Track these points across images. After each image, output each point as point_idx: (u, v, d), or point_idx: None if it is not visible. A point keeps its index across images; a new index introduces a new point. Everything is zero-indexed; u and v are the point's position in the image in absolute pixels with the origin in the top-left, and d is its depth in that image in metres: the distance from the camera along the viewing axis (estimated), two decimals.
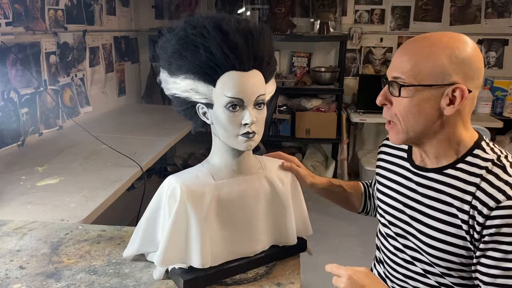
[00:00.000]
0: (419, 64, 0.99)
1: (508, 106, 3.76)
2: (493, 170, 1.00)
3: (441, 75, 0.98)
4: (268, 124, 3.74)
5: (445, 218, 1.04)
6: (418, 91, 1.00)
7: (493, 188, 0.97)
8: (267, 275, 1.11)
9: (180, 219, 1.03)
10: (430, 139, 1.06)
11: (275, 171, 1.18)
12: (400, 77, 1.01)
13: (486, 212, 0.96)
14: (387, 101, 1.06)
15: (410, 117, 1.02)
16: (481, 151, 1.04)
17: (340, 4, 4.05)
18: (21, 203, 1.64)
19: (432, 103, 1.00)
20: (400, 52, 1.05)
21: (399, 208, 1.15)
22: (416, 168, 1.12)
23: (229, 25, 1.00)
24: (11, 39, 2.31)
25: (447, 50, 0.98)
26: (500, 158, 1.02)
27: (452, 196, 1.03)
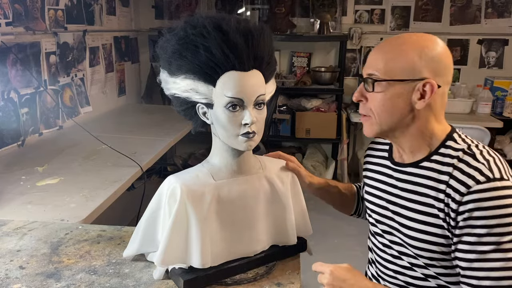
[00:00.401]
0: (391, 61, 1.06)
1: (508, 106, 3.75)
2: (464, 158, 1.04)
3: (412, 71, 1.04)
4: (268, 124, 3.74)
5: (423, 209, 1.08)
6: (391, 86, 1.06)
7: (464, 175, 1.01)
8: (267, 275, 1.11)
9: (180, 219, 1.03)
10: (403, 133, 1.11)
11: (275, 171, 1.18)
12: (374, 74, 1.07)
13: (459, 198, 1.00)
14: (362, 97, 1.11)
15: (384, 110, 1.08)
16: (453, 142, 1.08)
17: (340, 4, 4.05)
18: (21, 203, 1.64)
19: (404, 98, 1.06)
20: (374, 51, 1.11)
21: (383, 205, 1.19)
22: (395, 165, 1.17)
23: (229, 25, 1.00)
24: (11, 39, 2.31)
25: (417, 48, 1.05)
26: (470, 147, 1.06)
27: (428, 187, 1.07)
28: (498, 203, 0.97)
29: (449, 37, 4.05)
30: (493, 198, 0.97)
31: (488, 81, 3.94)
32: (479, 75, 4.04)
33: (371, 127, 1.12)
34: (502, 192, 0.98)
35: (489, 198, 0.97)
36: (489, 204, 0.97)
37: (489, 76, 3.97)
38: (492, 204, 0.97)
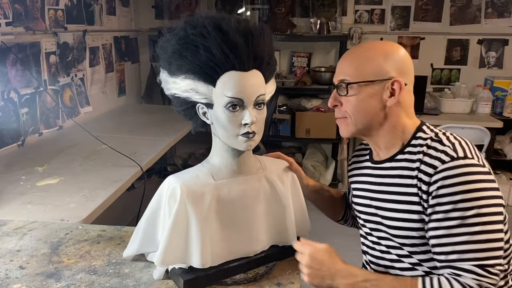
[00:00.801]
0: (360, 66, 1.14)
1: (508, 106, 3.75)
2: (432, 144, 1.11)
3: (380, 72, 1.13)
4: (268, 124, 3.74)
5: (401, 198, 1.13)
6: (362, 88, 1.14)
7: (432, 159, 1.08)
8: (267, 275, 1.11)
9: (180, 219, 1.03)
10: (378, 130, 1.18)
11: (275, 171, 1.18)
12: (346, 79, 1.15)
13: (427, 179, 1.06)
14: (337, 102, 1.19)
15: (359, 111, 1.15)
16: (422, 133, 1.16)
17: (340, 4, 4.05)
18: (21, 203, 1.64)
19: (376, 97, 1.14)
20: (342, 60, 1.20)
21: (367, 203, 1.23)
22: (375, 163, 1.23)
23: (229, 25, 1.00)
24: (11, 39, 2.31)
25: (381, 51, 1.15)
26: (438, 134, 1.14)
27: (403, 176, 1.13)
28: (461, 179, 1.02)
29: (449, 37, 4.05)
30: (457, 175, 1.03)
31: (488, 81, 3.94)
32: (479, 75, 4.04)
33: (347, 127, 1.19)
34: (465, 169, 1.03)
35: (453, 176, 1.03)
36: (452, 181, 1.03)
37: (489, 76, 3.97)
38: (455, 181, 1.03)
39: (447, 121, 3.55)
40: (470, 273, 1.00)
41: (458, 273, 1.02)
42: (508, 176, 3.85)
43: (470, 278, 1.00)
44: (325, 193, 1.42)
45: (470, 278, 1.00)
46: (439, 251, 1.05)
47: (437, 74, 4.15)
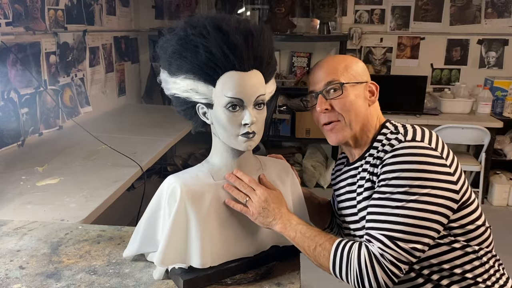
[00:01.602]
0: (344, 69, 1.19)
1: (508, 106, 3.76)
2: (389, 136, 1.16)
3: (359, 75, 1.21)
4: (268, 124, 3.74)
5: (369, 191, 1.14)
6: (351, 88, 1.18)
7: (386, 146, 1.12)
8: (267, 275, 1.11)
9: (180, 219, 1.03)
10: (360, 131, 1.21)
11: (275, 171, 1.18)
12: (334, 80, 1.18)
13: (379, 163, 1.11)
14: (327, 105, 1.19)
15: (351, 111, 1.18)
16: (385, 128, 1.21)
17: (340, 4, 4.05)
18: (21, 203, 1.64)
19: (362, 97, 1.20)
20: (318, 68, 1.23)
21: (347, 205, 1.25)
22: (349, 165, 1.27)
23: (229, 25, 1.00)
24: (11, 39, 2.31)
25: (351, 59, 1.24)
26: (397, 127, 1.19)
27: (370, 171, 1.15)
28: (402, 159, 1.06)
29: (449, 37, 4.05)
30: (399, 155, 1.07)
31: (488, 81, 3.94)
32: (479, 75, 4.04)
33: (342, 131, 1.20)
34: (408, 150, 1.07)
35: (396, 155, 1.07)
36: (394, 160, 1.07)
37: (489, 76, 3.97)
38: (396, 160, 1.07)
39: (447, 121, 3.55)
40: (378, 241, 1.03)
41: (369, 240, 1.05)
42: (508, 176, 3.85)
43: (376, 247, 1.02)
44: (314, 201, 1.43)
45: (377, 247, 1.02)
46: (366, 219, 1.10)
47: (437, 74, 4.15)
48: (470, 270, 1.12)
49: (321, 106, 1.19)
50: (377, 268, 1.00)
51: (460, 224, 1.11)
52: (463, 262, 1.12)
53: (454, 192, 1.07)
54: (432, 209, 1.04)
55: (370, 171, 1.14)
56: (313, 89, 1.22)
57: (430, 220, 1.03)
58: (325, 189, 4.09)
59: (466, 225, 1.11)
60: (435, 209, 1.04)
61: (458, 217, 1.10)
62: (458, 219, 1.10)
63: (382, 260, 1.01)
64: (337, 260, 1.05)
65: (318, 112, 1.20)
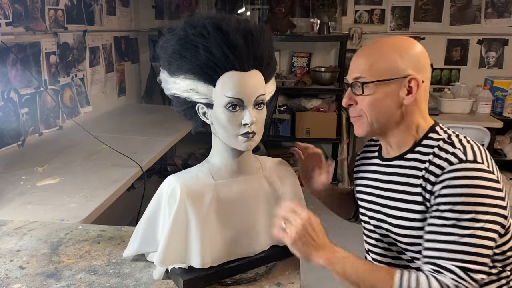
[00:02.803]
0: (375, 63, 1.11)
1: (508, 106, 3.75)
2: (443, 146, 1.10)
3: (396, 70, 1.10)
4: (268, 124, 3.74)
5: (408, 198, 1.12)
6: (378, 86, 1.11)
7: (441, 160, 1.07)
8: (267, 275, 1.11)
9: (180, 219, 1.03)
10: (393, 130, 1.16)
11: (275, 171, 1.18)
12: (361, 77, 1.12)
13: (433, 179, 1.06)
14: (352, 101, 1.16)
15: (375, 110, 1.13)
16: (435, 133, 1.14)
17: (340, 4, 4.05)
18: (21, 203, 1.64)
19: (392, 96, 1.11)
20: (356, 57, 1.16)
21: (373, 200, 1.23)
22: (383, 160, 1.23)
23: (229, 25, 1.00)
24: (11, 39, 2.31)
25: (396, 48, 1.12)
26: (450, 136, 1.12)
27: (412, 176, 1.12)
28: (466, 182, 1.01)
29: (449, 37, 4.05)
30: (462, 178, 1.02)
31: (488, 81, 3.94)
32: (479, 75, 4.04)
33: (362, 126, 1.17)
34: (472, 173, 1.02)
35: (458, 177, 1.02)
36: (457, 182, 1.02)
37: (489, 76, 3.97)
38: (459, 183, 1.02)
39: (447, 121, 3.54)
40: (451, 272, 0.99)
41: (438, 270, 1.01)
42: (508, 176, 3.85)
43: (449, 278, 0.99)
44: (335, 192, 1.40)
45: (450, 278, 0.99)
46: (427, 246, 1.05)
47: (437, 74, 4.15)
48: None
49: (345, 101, 1.17)
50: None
51: (501, 251, 1.09)
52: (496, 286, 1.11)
53: (504, 218, 1.05)
54: (492, 237, 1.02)
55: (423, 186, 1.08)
56: (348, 77, 1.17)
57: (490, 248, 1.01)
58: None
59: (506, 252, 1.10)
60: (493, 236, 1.02)
61: (500, 243, 1.08)
62: (500, 245, 1.08)
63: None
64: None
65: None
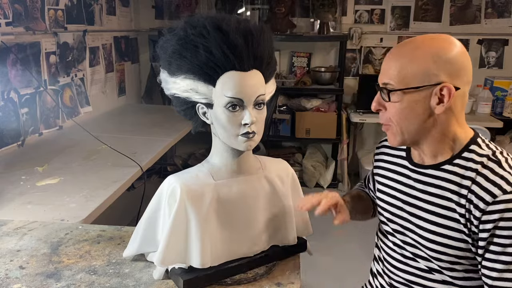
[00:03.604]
0: (404, 68, 1.03)
1: (508, 106, 3.75)
2: (488, 164, 1.02)
3: (427, 76, 1.02)
4: (268, 124, 3.74)
5: (442, 212, 1.06)
6: (407, 94, 1.04)
7: (488, 182, 0.99)
8: (267, 275, 1.11)
9: (180, 219, 1.03)
10: (425, 138, 1.09)
11: (275, 171, 1.18)
12: (389, 83, 1.05)
13: (483, 206, 0.98)
14: (381, 106, 1.10)
15: (403, 119, 1.06)
16: (477, 146, 1.06)
17: (340, 4, 4.05)
18: (21, 203, 1.64)
19: (422, 104, 1.04)
20: (387, 58, 1.09)
21: (398, 205, 1.18)
22: (415, 166, 1.15)
23: (229, 25, 1.00)
24: (11, 39, 2.31)
25: (430, 51, 1.02)
26: (495, 153, 1.05)
27: (449, 190, 1.05)
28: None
29: None
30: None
31: (488, 81, 3.94)
32: (479, 75, 4.04)
33: (393, 137, 1.11)
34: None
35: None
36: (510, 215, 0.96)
37: (489, 76, 3.97)
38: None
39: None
40: None
41: None
42: None
43: None
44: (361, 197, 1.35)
45: None
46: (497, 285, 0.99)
47: None
48: None
49: (374, 105, 1.11)
50: None
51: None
52: None
53: None
54: None
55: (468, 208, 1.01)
56: (378, 78, 1.10)
57: None
58: (325, 189, 4.09)
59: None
60: None
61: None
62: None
63: None
64: None
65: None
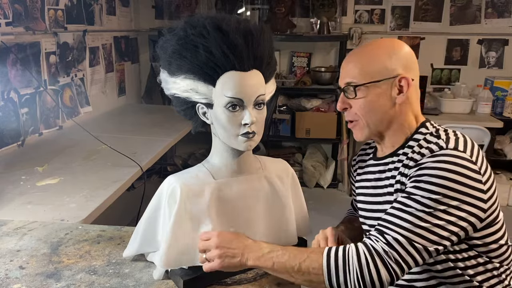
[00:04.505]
0: (366, 66, 1.14)
1: (508, 106, 3.75)
2: (428, 138, 1.12)
3: (386, 70, 1.13)
4: (268, 124, 3.74)
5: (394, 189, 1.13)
6: (370, 88, 1.13)
7: (422, 148, 1.10)
8: (267, 275, 1.11)
9: (180, 218, 1.03)
10: (388, 129, 1.18)
11: (275, 171, 1.18)
12: (352, 81, 1.15)
13: (412, 164, 1.09)
14: (346, 104, 1.18)
15: (369, 112, 1.15)
16: (424, 128, 1.17)
17: (340, 4, 4.05)
18: (21, 203, 1.64)
19: (384, 96, 1.14)
20: (345, 62, 1.19)
21: (368, 200, 1.23)
22: (377, 160, 1.24)
23: (229, 25, 1.00)
24: (11, 39, 2.31)
25: (385, 49, 1.15)
26: (438, 130, 1.14)
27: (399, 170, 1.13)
28: (442, 165, 1.02)
29: (449, 37, 4.05)
30: (439, 162, 1.03)
31: (488, 81, 3.94)
32: (479, 75, 4.04)
33: (360, 131, 1.19)
34: (450, 158, 1.03)
35: (435, 161, 1.04)
36: (432, 165, 1.03)
37: (489, 76, 3.97)
38: (434, 166, 1.03)
39: (447, 121, 3.55)
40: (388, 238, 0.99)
41: (376, 235, 1.01)
42: (508, 176, 3.85)
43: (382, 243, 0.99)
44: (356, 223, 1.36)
45: (382, 243, 0.99)
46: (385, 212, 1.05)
47: (437, 74, 4.15)
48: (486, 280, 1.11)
49: (339, 105, 1.19)
50: (380, 265, 0.97)
51: (484, 242, 1.09)
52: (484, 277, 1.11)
53: (481, 211, 1.03)
54: (454, 221, 1.01)
55: (401, 171, 1.11)
56: (339, 82, 1.20)
57: (449, 231, 1.01)
58: (325, 189, 4.09)
59: (489, 244, 1.09)
60: (457, 222, 1.01)
61: (482, 235, 1.08)
62: (482, 237, 1.08)
63: (386, 258, 0.98)
64: (331, 267, 0.99)
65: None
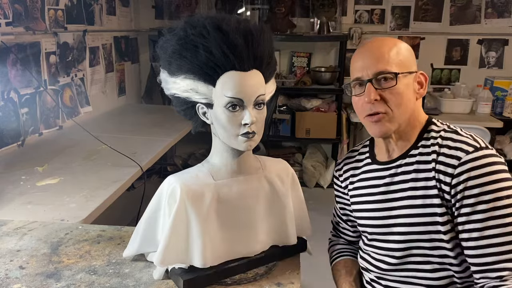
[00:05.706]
0: (401, 54, 1.12)
1: (508, 106, 3.75)
2: (447, 135, 1.11)
3: (410, 64, 1.13)
4: (268, 124, 3.74)
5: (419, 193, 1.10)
6: (401, 79, 1.11)
7: (451, 149, 1.07)
8: (267, 275, 1.11)
9: (180, 219, 1.03)
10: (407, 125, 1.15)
11: (275, 171, 1.18)
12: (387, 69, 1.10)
13: (451, 171, 1.05)
14: (377, 96, 1.11)
15: (402, 103, 1.11)
16: (433, 125, 1.16)
17: (340, 4, 4.05)
18: (21, 203, 1.64)
19: (411, 89, 1.13)
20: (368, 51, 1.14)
21: (378, 207, 1.19)
22: (385, 164, 1.19)
23: (229, 25, 1.00)
24: (11, 39, 2.31)
25: (404, 45, 1.14)
26: (450, 126, 1.15)
27: (420, 171, 1.11)
28: (490, 169, 1.02)
29: (449, 37, 4.05)
30: (484, 165, 1.02)
31: (488, 81, 3.94)
32: (479, 75, 4.04)
33: (389, 123, 1.12)
34: (491, 159, 1.03)
35: (481, 166, 1.02)
36: (481, 171, 1.02)
37: (489, 76, 3.97)
38: (484, 171, 1.02)
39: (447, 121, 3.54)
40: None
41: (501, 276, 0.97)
42: None
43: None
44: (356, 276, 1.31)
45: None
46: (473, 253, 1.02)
47: (437, 74, 4.15)
48: None
49: (370, 96, 1.10)
50: None
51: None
52: None
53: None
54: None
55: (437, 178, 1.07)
56: (359, 76, 1.13)
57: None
58: (325, 189, 4.09)
59: None
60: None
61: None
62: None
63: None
64: None
65: (365, 102, 1.11)
